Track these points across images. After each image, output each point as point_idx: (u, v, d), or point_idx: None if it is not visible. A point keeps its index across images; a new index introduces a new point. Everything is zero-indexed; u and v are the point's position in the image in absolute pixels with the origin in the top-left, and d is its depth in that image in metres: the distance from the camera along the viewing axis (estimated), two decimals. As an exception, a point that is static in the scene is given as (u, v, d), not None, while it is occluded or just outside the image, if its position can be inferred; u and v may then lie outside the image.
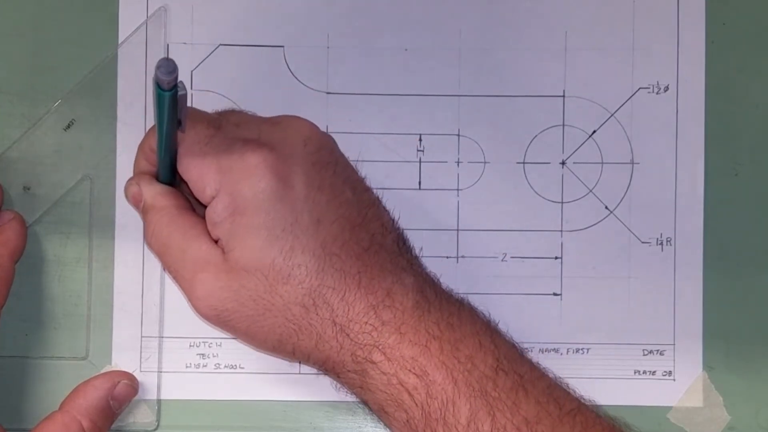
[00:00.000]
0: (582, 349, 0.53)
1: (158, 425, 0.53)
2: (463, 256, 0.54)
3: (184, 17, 0.54)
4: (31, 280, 0.53)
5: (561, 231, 0.54)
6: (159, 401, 0.53)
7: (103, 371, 0.52)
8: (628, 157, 0.54)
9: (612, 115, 0.54)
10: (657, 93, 0.54)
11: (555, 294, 0.54)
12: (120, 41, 0.53)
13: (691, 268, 0.54)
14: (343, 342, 0.45)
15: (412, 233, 0.53)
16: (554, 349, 0.53)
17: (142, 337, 0.53)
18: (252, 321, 0.46)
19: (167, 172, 0.48)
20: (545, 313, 0.54)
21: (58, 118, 0.53)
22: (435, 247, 0.53)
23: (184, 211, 0.48)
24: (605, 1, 0.54)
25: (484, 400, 0.44)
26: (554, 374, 0.47)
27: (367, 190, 0.48)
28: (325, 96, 0.54)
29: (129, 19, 0.53)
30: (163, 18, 0.53)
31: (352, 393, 0.48)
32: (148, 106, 0.53)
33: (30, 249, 0.53)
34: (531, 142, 0.54)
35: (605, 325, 0.53)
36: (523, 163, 0.54)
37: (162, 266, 0.51)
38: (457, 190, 0.54)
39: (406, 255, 0.48)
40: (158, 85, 0.41)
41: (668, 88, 0.54)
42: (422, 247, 0.52)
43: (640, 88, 0.54)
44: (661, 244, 0.54)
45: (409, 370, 0.45)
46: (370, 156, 0.54)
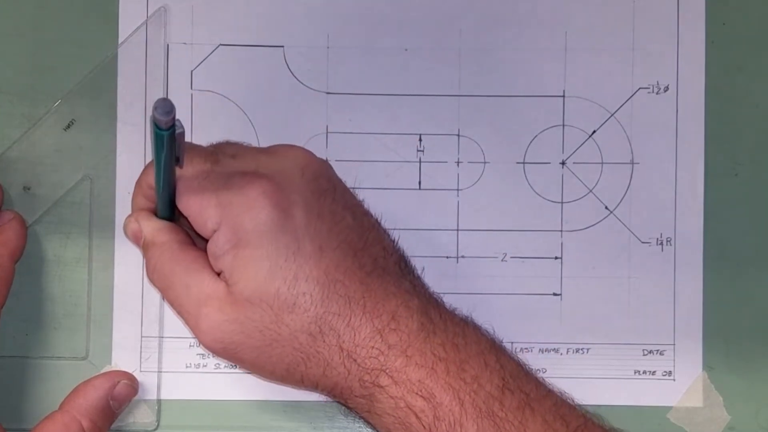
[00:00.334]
0: (582, 349, 0.53)
1: (158, 425, 0.53)
2: (463, 256, 0.54)
3: (184, 17, 0.54)
4: (31, 280, 0.53)
5: (561, 231, 0.54)
6: (159, 401, 0.53)
7: (103, 371, 0.52)
8: (628, 157, 0.54)
9: (612, 115, 0.54)
10: (657, 93, 0.54)
11: (555, 294, 0.54)
12: (120, 41, 0.53)
13: (691, 268, 0.54)
14: (351, 367, 0.46)
15: (412, 233, 0.53)
16: (554, 349, 0.53)
17: (142, 337, 0.53)
18: (259, 352, 0.46)
19: (166, 207, 0.48)
20: (545, 313, 0.54)
21: (58, 118, 0.53)
22: (435, 247, 0.53)
23: (185, 245, 0.48)
24: (605, 1, 0.54)
25: (491, 421, 0.44)
26: (560, 390, 0.47)
27: (366, 214, 0.49)
28: (325, 96, 0.54)
29: (129, 19, 0.53)
30: (163, 18, 0.53)
31: (359, 418, 0.48)
32: (148, 106, 0.53)
33: (30, 249, 0.53)
34: (531, 142, 0.54)
35: (605, 325, 0.54)
36: (523, 163, 0.54)
37: (165, 301, 0.51)
38: (457, 190, 0.54)
39: (408, 276, 0.48)
40: (156, 125, 0.41)
41: (668, 88, 0.54)
42: (422, 248, 0.52)
43: (640, 88, 0.54)
44: (661, 244, 0.54)
45: (416, 393, 0.45)
46: (370, 156, 0.54)
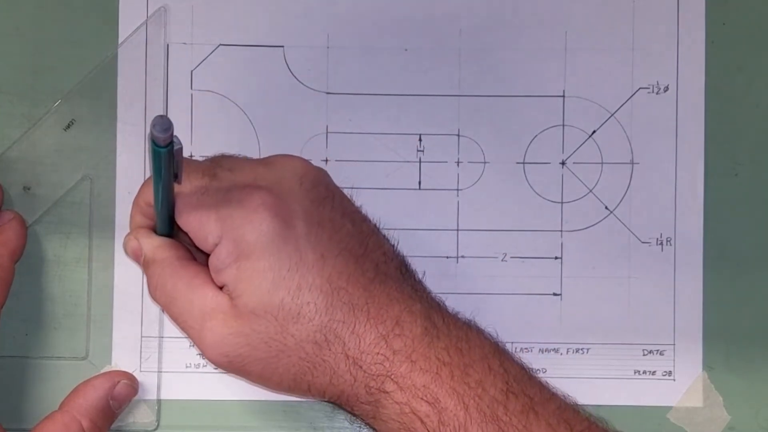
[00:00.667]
0: (582, 349, 0.53)
1: (158, 425, 0.53)
2: (463, 256, 0.54)
3: (184, 17, 0.54)
4: (31, 280, 0.53)
5: (561, 231, 0.54)
6: (159, 401, 0.53)
7: (103, 371, 0.52)
8: (628, 157, 0.54)
9: (612, 115, 0.54)
10: (657, 93, 0.54)
11: (555, 294, 0.54)
12: (120, 41, 0.53)
13: (691, 268, 0.54)
14: (357, 374, 0.46)
15: (412, 233, 0.53)
16: (554, 349, 0.53)
17: (142, 337, 0.53)
18: (266, 364, 0.46)
19: (165, 224, 0.48)
20: (545, 313, 0.54)
21: (58, 118, 0.53)
22: (435, 247, 0.53)
23: (185, 261, 0.48)
24: (605, 1, 0.54)
25: (496, 425, 0.44)
26: (563, 393, 0.47)
27: (365, 220, 0.49)
28: (325, 96, 0.54)
29: (129, 19, 0.53)
30: (163, 18, 0.53)
31: (365, 424, 0.48)
32: (148, 106, 0.53)
33: (30, 249, 0.53)
34: (531, 142, 0.54)
35: (605, 325, 0.53)
36: (523, 163, 0.54)
37: (168, 318, 0.51)
38: (457, 190, 0.54)
39: (409, 281, 0.48)
40: (154, 142, 0.41)
41: (668, 88, 0.54)
42: (422, 248, 0.52)
43: (640, 88, 0.54)
44: (661, 244, 0.54)
45: (421, 398, 0.45)
46: (370, 156, 0.54)
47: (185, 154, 0.51)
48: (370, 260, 0.47)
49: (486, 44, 0.54)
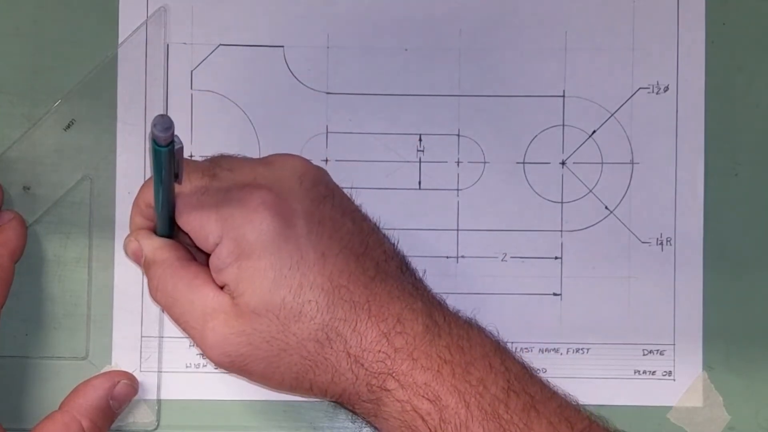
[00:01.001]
0: (582, 349, 0.53)
1: (158, 425, 0.53)
2: (463, 256, 0.54)
3: (184, 17, 0.54)
4: (31, 280, 0.53)
5: (561, 231, 0.54)
6: (159, 401, 0.53)
7: (103, 371, 0.52)
8: (628, 157, 0.54)
9: (612, 115, 0.54)
10: (657, 93, 0.54)
11: (555, 294, 0.54)
12: (120, 41, 0.53)
13: (691, 268, 0.54)
14: (359, 372, 0.46)
15: (412, 233, 0.53)
16: (554, 349, 0.53)
17: (142, 337, 0.53)
18: (268, 363, 0.46)
19: (166, 225, 0.48)
20: (545, 313, 0.54)
21: (58, 118, 0.53)
22: (435, 247, 0.53)
23: (186, 262, 0.48)
24: (605, 1, 0.54)
25: (497, 423, 0.44)
26: (564, 392, 0.47)
27: (365, 219, 0.49)
28: (325, 96, 0.54)
29: (129, 19, 0.53)
30: (163, 18, 0.53)
31: (366, 422, 0.49)
32: (148, 106, 0.53)
33: (30, 249, 0.53)
34: (531, 142, 0.54)
35: (605, 325, 0.54)
36: (523, 163, 0.54)
37: (170, 319, 0.51)
38: (457, 190, 0.54)
39: (410, 279, 0.48)
40: (155, 141, 0.41)
41: (668, 88, 0.54)
42: (422, 248, 0.52)
43: (640, 88, 0.54)
44: (661, 244, 0.54)
45: (423, 396, 0.45)
46: (370, 156, 0.54)
47: (185, 154, 0.50)
48: (370, 258, 0.47)
49: (486, 44, 0.54)
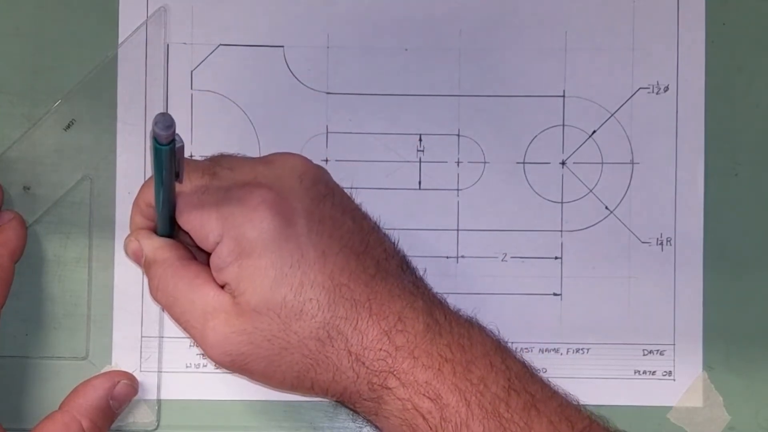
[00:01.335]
0: (582, 349, 0.53)
1: (158, 425, 0.53)
2: (463, 256, 0.54)
3: (184, 17, 0.54)
4: (31, 280, 0.53)
5: (561, 231, 0.54)
6: (159, 401, 0.53)
7: (103, 371, 0.52)
8: (628, 157, 0.54)
9: (612, 115, 0.54)
10: (657, 93, 0.54)
11: (555, 294, 0.54)
12: (120, 41, 0.53)
13: (691, 268, 0.54)
14: (360, 371, 0.46)
15: (412, 233, 0.53)
16: (554, 349, 0.53)
17: (142, 337, 0.53)
18: (269, 362, 0.46)
19: (166, 224, 0.48)
20: (545, 313, 0.54)
21: (58, 118, 0.53)
22: (435, 247, 0.53)
23: (186, 261, 0.48)
24: (605, 1, 0.54)
25: (497, 422, 0.44)
26: (565, 391, 0.47)
27: (365, 217, 0.49)
28: (325, 96, 0.54)
29: (129, 19, 0.53)
30: (163, 18, 0.53)
31: (367, 421, 0.49)
32: (148, 106, 0.53)
33: (30, 249, 0.53)
34: (531, 142, 0.54)
35: (605, 325, 0.54)
36: (523, 163, 0.54)
37: (170, 318, 0.51)
38: (457, 190, 0.54)
39: (410, 278, 0.48)
40: (156, 139, 0.41)
41: (668, 88, 0.54)
42: (422, 248, 0.52)
43: (640, 88, 0.54)
44: (661, 244, 0.54)
45: (424, 395, 0.45)
46: (370, 156, 0.54)
47: (185, 154, 0.50)
48: (371, 257, 0.47)
49: (486, 44, 0.54)
